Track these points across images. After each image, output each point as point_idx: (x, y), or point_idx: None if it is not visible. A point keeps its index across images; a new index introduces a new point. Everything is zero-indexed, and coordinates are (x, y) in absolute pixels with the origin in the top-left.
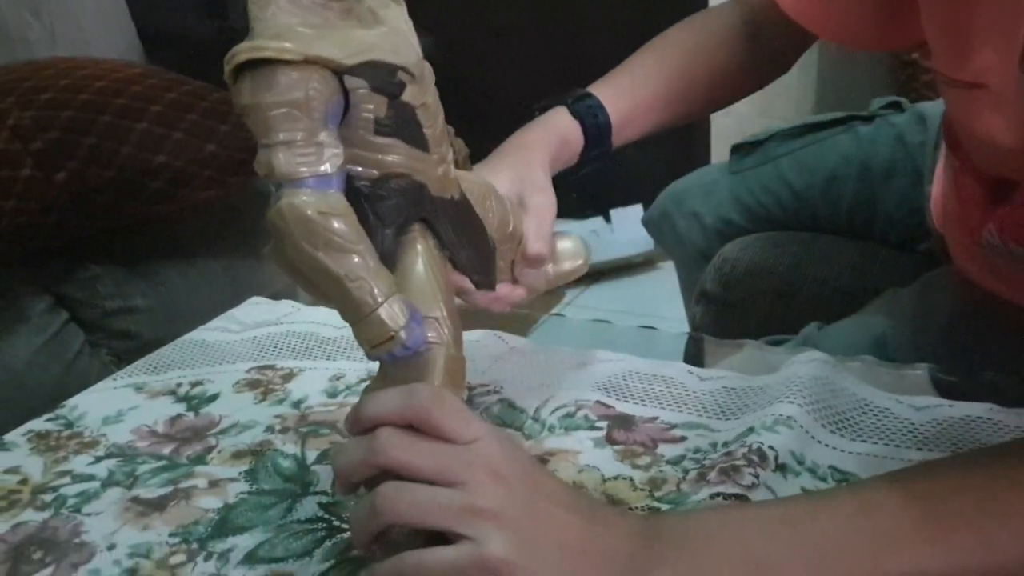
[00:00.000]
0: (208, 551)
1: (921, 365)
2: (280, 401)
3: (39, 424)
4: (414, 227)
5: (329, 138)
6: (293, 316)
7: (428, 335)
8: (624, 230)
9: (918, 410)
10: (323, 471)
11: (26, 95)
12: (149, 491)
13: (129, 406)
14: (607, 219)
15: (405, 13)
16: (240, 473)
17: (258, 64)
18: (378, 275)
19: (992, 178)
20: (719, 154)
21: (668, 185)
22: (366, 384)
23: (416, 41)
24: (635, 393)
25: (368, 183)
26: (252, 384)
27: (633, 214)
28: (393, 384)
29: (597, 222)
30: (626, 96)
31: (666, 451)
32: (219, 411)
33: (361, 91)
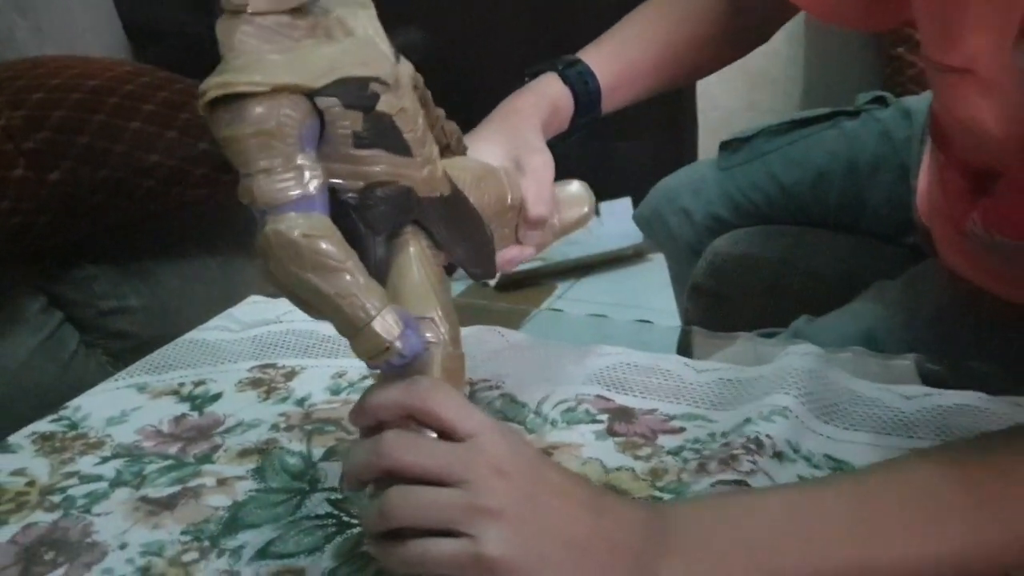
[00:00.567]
0: (220, 548)
1: (908, 356)
2: (284, 399)
3: (43, 425)
4: (406, 230)
5: (307, 160)
6: (292, 314)
7: (426, 335)
8: (613, 223)
9: (907, 399)
10: (330, 468)
11: (17, 94)
12: (158, 490)
13: (132, 406)
14: (596, 212)
15: (374, 16)
16: (248, 471)
17: (230, 97)
18: (369, 289)
19: (976, 170)
20: (706, 147)
21: (656, 178)
22: (369, 383)
23: (387, 46)
24: (634, 386)
25: (354, 194)
26: (255, 383)
27: (622, 207)
28: None
29: None
30: (615, 62)
31: (666, 442)
32: (223, 410)
33: (335, 109)
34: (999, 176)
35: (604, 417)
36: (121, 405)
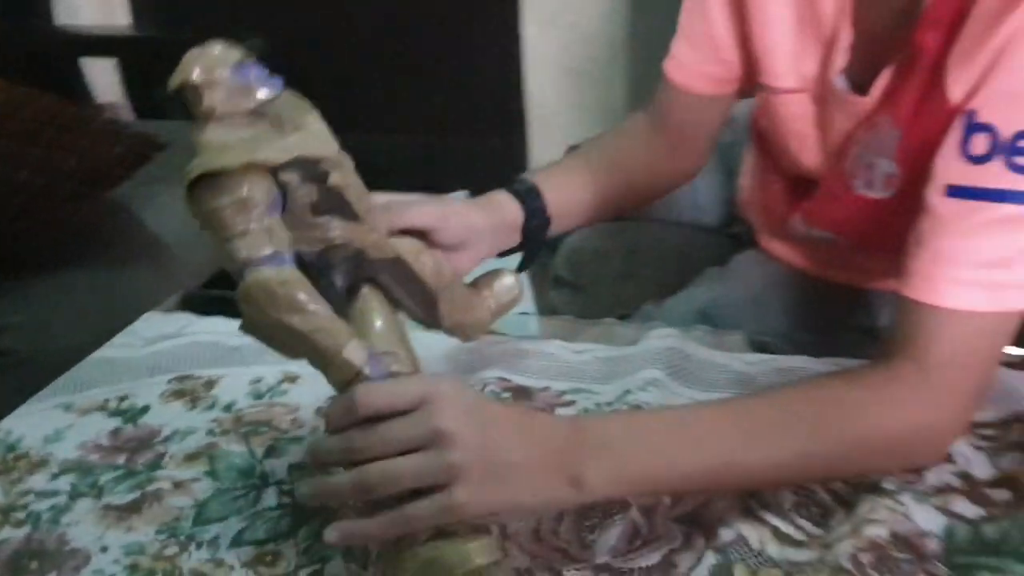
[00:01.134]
0: (197, 540)
1: (737, 332)
2: (210, 407)
3: None
4: (363, 286)
5: (275, 224)
6: (191, 327)
7: (392, 367)
8: None
9: (750, 364)
10: (276, 464)
11: None
12: (119, 497)
13: (64, 424)
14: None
15: (319, 118)
16: (200, 473)
17: (207, 176)
18: (336, 326)
19: (794, 176)
20: (539, 146)
21: (490, 172)
22: (287, 386)
23: (332, 138)
24: (528, 368)
25: (315, 256)
26: (177, 394)
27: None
28: None
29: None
30: (559, 195)
31: (562, 413)
32: (156, 421)
33: (294, 182)
34: (813, 182)
35: (507, 396)
36: (52, 424)
